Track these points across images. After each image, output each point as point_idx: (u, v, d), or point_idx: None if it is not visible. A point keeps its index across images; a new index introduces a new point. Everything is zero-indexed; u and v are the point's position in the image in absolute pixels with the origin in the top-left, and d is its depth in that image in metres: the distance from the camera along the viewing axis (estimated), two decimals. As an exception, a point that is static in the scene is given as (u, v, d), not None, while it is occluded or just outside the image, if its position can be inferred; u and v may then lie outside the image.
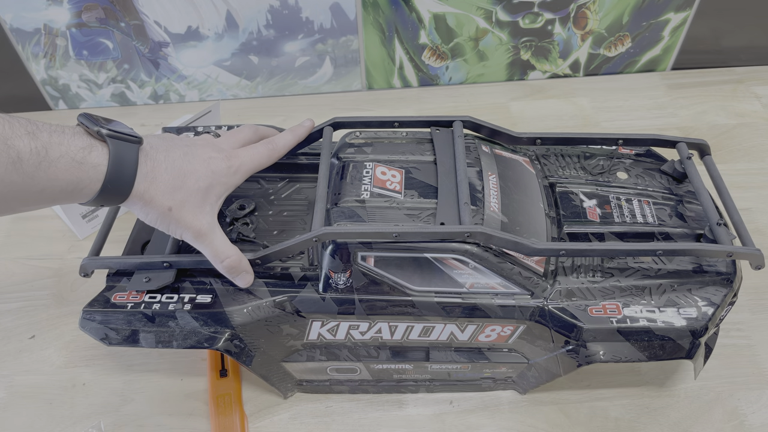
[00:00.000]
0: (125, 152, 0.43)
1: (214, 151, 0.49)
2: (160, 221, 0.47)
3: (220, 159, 0.49)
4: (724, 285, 0.53)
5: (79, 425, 0.61)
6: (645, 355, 0.51)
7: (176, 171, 0.46)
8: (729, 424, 0.60)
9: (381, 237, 0.48)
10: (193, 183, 0.47)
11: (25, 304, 0.71)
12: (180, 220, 0.46)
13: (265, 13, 0.87)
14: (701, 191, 0.55)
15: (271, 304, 0.52)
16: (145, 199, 0.45)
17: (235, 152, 0.51)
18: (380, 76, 0.97)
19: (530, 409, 0.61)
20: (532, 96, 0.96)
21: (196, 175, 0.47)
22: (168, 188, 0.45)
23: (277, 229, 0.59)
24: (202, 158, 0.48)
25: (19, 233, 0.78)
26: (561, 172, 0.60)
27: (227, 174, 0.49)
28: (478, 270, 0.50)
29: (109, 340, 0.51)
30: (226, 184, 0.49)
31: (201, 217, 0.47)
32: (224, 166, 0.49)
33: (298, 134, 0.56)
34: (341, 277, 0.50)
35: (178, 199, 0.46)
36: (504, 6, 0.88)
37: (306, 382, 0.61)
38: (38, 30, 0.86)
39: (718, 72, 0.98)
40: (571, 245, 0.49)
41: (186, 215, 0.46)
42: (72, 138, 0.42)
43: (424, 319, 0.53)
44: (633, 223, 0.55)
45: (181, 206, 0.46)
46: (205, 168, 0.48)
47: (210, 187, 0.48)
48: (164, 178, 0.45)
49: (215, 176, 0.48)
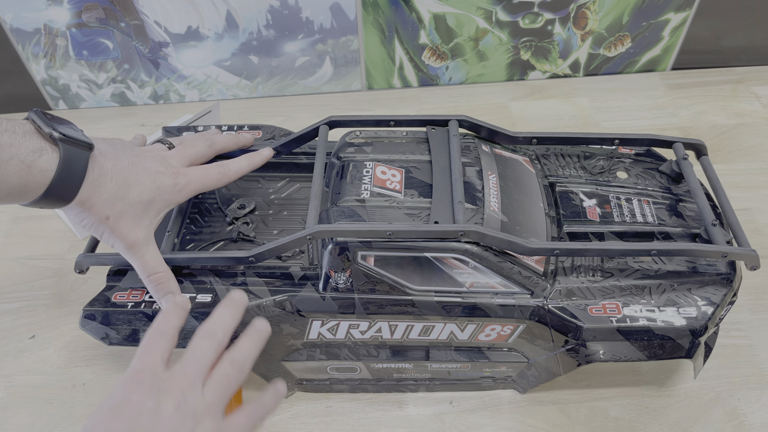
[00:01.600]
0: (75, 158, 0.43)
1: (162, 165, 0.49)
2: (95, 228, 0.46)
3: (168, 175, 0.49)
4: (723, 284, 0.53)
5: (79, 425, 0.61)
6: (645, 355, 0.51)
7: (121, 180, 0.46)
8: (729, 424, 0.60)
9: (374, 235, 0.48)
10: (135, 195, 0.46)
11: (25, 304, 0.71)
12: (115, 230, 0.46)
13: (265, 13, 0.87)
14: (697, 191, 0.55)
15: (271, 303, 0.52)
16: (86, 206, 0.44)
17: (185, 170, 0.50)
18: (380, 76, 0.97)
19: (530, 409, 0.61)
20: (532, 96, 0.96)
21: (140, 188, 0.46)
22: (110, 197, 0.45)
23: (277, 228, 0.59)
24: (149, 171, 0.48)
25: (19, 233, 0.78)
26: (561, 171, 0.60)
27: (172, 191, 0.49)
28: (478, 269, 0.50)
29: (110, 339, 0.51)
30: (169, 200, 0.49)
31: (137, 230, 0.47)
32: (170, 182, 0.48)
33: (254, 162, 0.56)
34: (341, 277, 0.50)
35: (117, 209, 0.45)
36: (504, 6, 0.88)
37: (306, 381, 0.61)
38: (38, 30, 0.86)
39: (718, 72, 0.98)
40: (565, 245, 0.49)
41: (122, 226, 0.46)
42: (23, 139, 0.41)
43: (424, 318, 0.53)
44: (633, 223, 0.55)
45: (118, 217, 0.46)
46: (151, 182, 0.47)
47: (152, 201, 0.47)
48: (108, 187, 0.45)
49: (159, 191, 0.48)
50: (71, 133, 0.43)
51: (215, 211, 0.61)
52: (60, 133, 0.42)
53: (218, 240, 0.57)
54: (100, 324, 0.51)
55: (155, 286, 0.49)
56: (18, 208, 0.81)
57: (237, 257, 0.51)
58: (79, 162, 0.43)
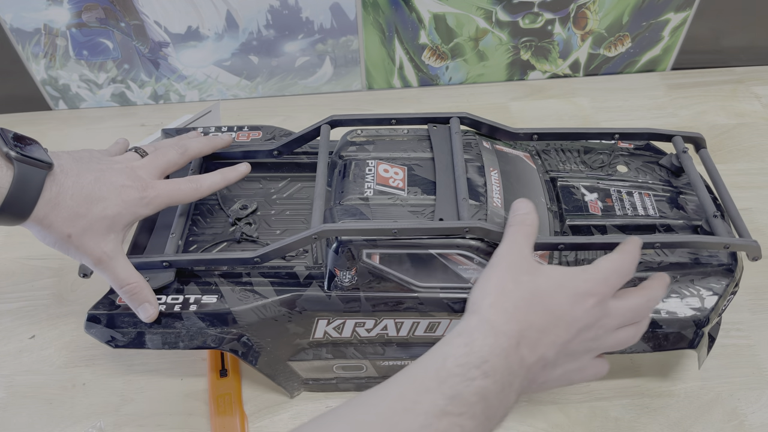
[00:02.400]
0: (30, 177, 0.43)
1: (129, 179, 0.49)
2: (59, 246, 0.47)
3: (134, 189, 0.48)
4: (725, 275, 0.53)
5: (79, 425, 0.61)
6: (650, 346, 0.51)
7: (83, 197, 0.46)
8: (729, 424, 0.60)
9: (380, 234, 0.48)
10: (99, 210, 0.46)
11: (25, 304, 0.71)
12: (80, 247, 0.46)
13: (265, 13, 0.87)
14: (697, 184, 0.56)
15: (276, 303, 0.52)
16: (44, 224, 0.45)
17: (153, 183, 0.50)
18: (380, 76, 0.97)
19: (530, 409, 0.61)
20: (532, 96, 0.96)
21: (104, 203, 0.46)
22: (70, 215, 0.45)
23: (280, 228, 0.59)
24: (114, 185, 0.48)
25: (19, 233, 0.78)
26: (562, 166, 0.60)
27: (139, 205, 0.49)
28: (483, 265, 0.50)
29: (115, 342, 0.51)
30: (136, 213, 0.49)
31: (103, 244, 0.47)
32: (137, 196, 0.48)
33: (228, 177, 0.55)
34: (346, 275, 0.50)
35: (79, 226, 0.46)
36: (504, 6, 0.88)
37: (312, 381, 0.61)
38: (38, 30, 0.86)
39: (718, 72, 0.98)
40: (569, 239, 0.50)
41: (87, 242, 0.46)
42: None
43: (430, 315, 0.53)
44: (634, 216, 0.55)
45: (81, 233, 0.46)
46: (116, 196, 0.47)
47: (118, 216, 0.47)
48: (68, 204, 0.45)
49: (125, 205, 0.48)
50: (30, 152, 0.43)
51: (217, 211, 0.60)
52: (17, 152, 0.42)
53: (221, 241, 0.57)
54: (105, 327, 0.51)
55: (129, 297, 0.49)
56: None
57: (243, 258, 0.51)
58: (34, 181, 0.43)
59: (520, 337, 0.40)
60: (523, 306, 0.41)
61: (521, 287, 0.42)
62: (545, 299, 0.42)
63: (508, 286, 0.42)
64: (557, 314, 0.41)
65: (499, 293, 0.42)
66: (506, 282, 0.42)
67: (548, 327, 0.41)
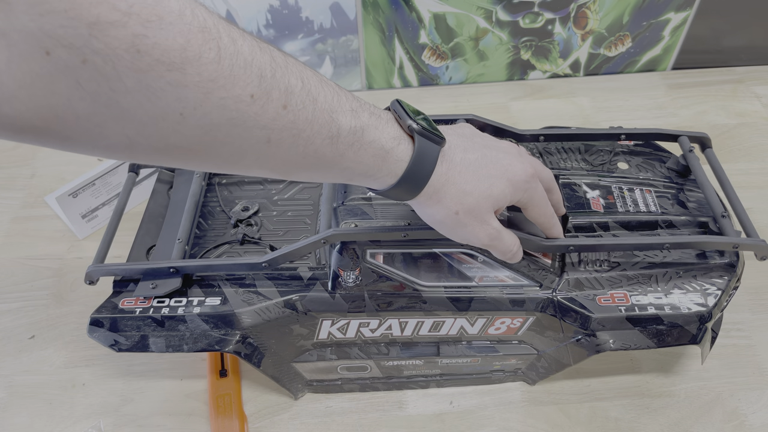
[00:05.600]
0: (428, 152, 0.41)
1: (517, 160, 0.46)
2: (446, 223, 0.44)
3: (520, 169, 0.46)
4: (728, 271, 0.54)
5: (79, 425, 0.61)
6: (654, 342, 0.51)
7: (470, 175, 0.44)
8: (729, 424, 0.60)
9: (389, 236, 0.48)
10: (485, 188, 0.44)
11: (25, 304, 0.71)
12: (467, 225, 0.44)
13: (265, 13, 0.86)
14: (705, 184, 0.56)
15: (280, 304, 0.52)
16: (434, 200, 0.43)
17: (538, 164, 0.49)
18: (380, 76, 0.97)
19: (530, 409, 0.61)
20: (533, 96, 0.96)
21: (489, 182, 0.44)
22: (458, 192, 0.43)
23: (282, 229, 0.59)
24: (500, 165, 0.45)
25: (19, 233, 0.78)
26: (563, 164, 0.60)
27: (520, 189, 0.46)
28: (487, 263, 0.50)
29: (119, 346, 0.51)
30: (514, 196, 0.46)
31: (492, 221, 0.45)
32: (522, 177, 0.46)
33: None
34: (350, 276, 0.50)
35: (466, 204, 0.43)
36: (504, 6, 0.88)
37: (316, 382, 0.61)
38: None
39: (718, 72, 0.98)
40: (580, 241, 0.50)
41: (472, 221, 0.44)
42: (386, 125, 0.40)
43: (434, 314, 0.53)
44: (636, 212, 0.55)
45: (468, 212, 0.44)
46: (502, 175, 0.45)
47: (502, 195, 0.45)
48: (457, 181, 0.43)
49: (510, 185, 0.45)
50: (427, 124, 0.42)
51: (218, 213, 0.60)
52: (418, 124, 0.41)
53: (223, 243, 0.57)
54: (109, 331, 0.51)
55: (511, 257, 0.48)
56: (18, 208, 0.81)
57: (251, 263, 0.51)
58: (430, 156, 0.41)
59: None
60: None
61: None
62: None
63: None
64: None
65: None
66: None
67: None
